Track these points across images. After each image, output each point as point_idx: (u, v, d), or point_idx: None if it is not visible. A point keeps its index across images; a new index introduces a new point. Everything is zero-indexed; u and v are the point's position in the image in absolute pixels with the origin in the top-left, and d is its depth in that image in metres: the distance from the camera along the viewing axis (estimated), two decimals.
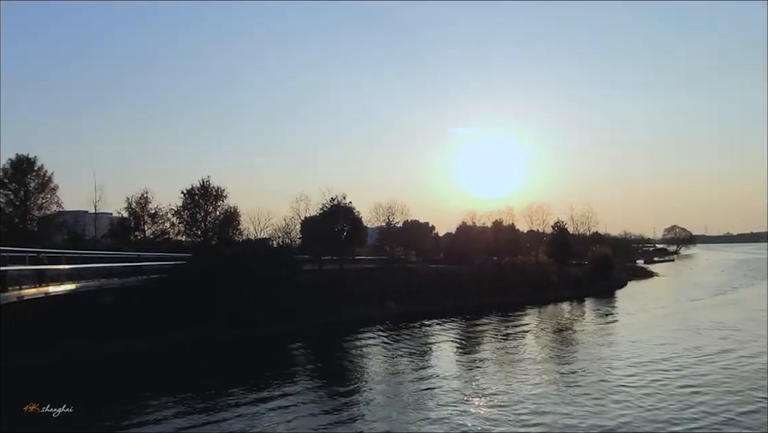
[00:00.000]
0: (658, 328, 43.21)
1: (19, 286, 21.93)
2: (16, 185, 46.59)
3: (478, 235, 70.79)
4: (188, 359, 32.22)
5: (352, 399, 24.63)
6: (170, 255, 44.94)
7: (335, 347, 39.31)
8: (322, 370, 32.12)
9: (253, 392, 25.08)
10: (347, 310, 46.14)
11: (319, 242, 50.77)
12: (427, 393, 25.13)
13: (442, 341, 40.43)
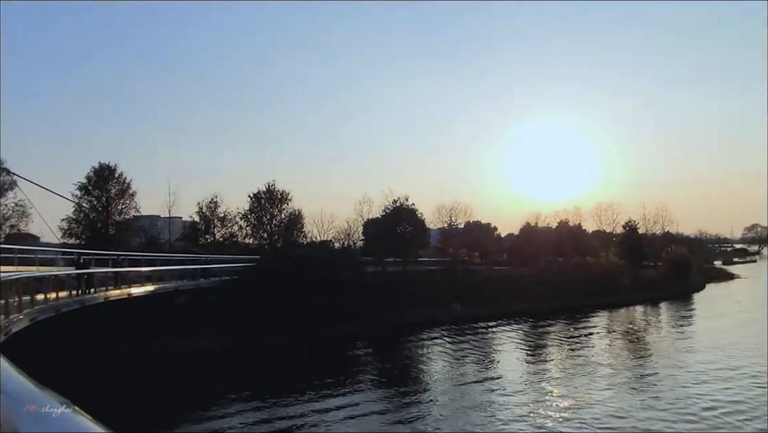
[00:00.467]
0: (741, 334, 40.49)
1: (105, 287, 23.20)
2: (99, 192, 49.54)
3: (543, 235, 68.85)
4: (255, 358, 33.03)
5: (417, 401, 24.60)
6: (239, 257, 46.43)
7: (399, 349, 39.32)
8: (386, 372, 32.16)
9: (317, 393, 25.48)
10: (411, 312, 45.98)
11: (382, 244, 50.93)
12: (493, 396, 24.73)
13: (508, 344, 39.63)
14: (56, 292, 18.48)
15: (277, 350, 34.92)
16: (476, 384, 27.31)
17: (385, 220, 54.09)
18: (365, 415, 22.31)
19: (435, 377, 29.90)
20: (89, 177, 49.43)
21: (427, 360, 34.91)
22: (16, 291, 13.37)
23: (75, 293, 20.79)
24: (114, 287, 24.70)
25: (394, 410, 23.21)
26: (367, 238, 56.72)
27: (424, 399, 25.05)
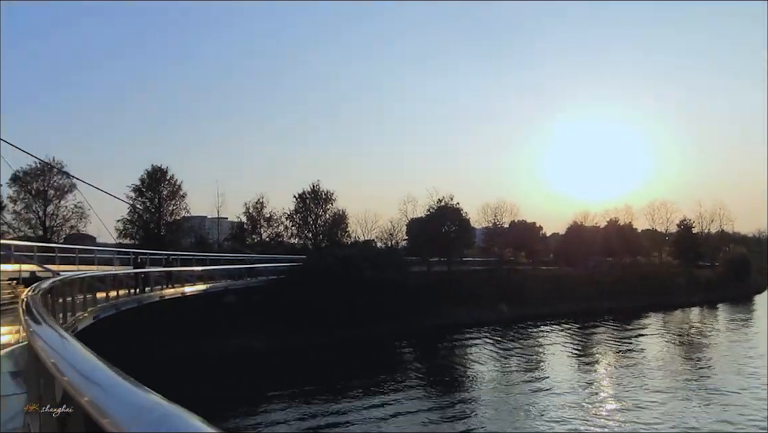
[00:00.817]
0: None
1: (160, 286, 23.86)
2: (152, 193, 51.21)
3: (591, 235, 66.98)
4: (301, 358, 33.28)
5: (462, 401, 24.47)
6: (286, 257, 47.05)
7: (444, 349, 39.02)
8: (431, 372, 31.90)
9: (362, 392, 25.68)
10: (456, 312, 45.55)
11: (426, 244, 50.63)
12: (540, 398, 24.25)
13: (556, 345, 38.72)
14: (116, 291, 19.12)
15: (323, 349, 35.14)
16: (522, 385, 26.87)
17: (429, 219, 53.73)
18: (410, 412, 22.53)
19: (480, 378, 29.53)
20: (142, 179, 51.20)
21: (473, 361, 34.47)
22: (80, 290, 13.84)
23: (132, 291, 21.44)
24: (167, 286, 25.34)
25: (438, 409, 23.23)
26: (411, 238, 56.49)
27: (469, 399, 24.90)
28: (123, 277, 21.60)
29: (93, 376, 1.70)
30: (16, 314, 15.82)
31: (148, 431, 1.12)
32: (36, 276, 22.12)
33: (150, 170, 51.27)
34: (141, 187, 51.01)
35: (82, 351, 2.10)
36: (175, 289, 25.32)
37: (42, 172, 46.26)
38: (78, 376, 1.81)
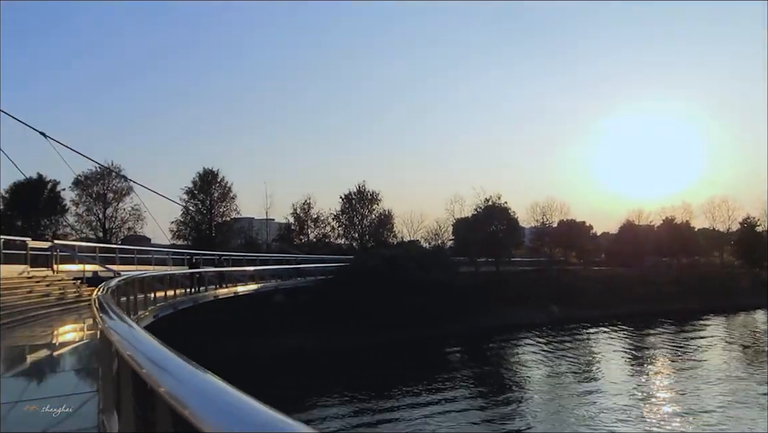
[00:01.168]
0: None
1: (213, 286, 24.39)
2: (203, 195, 52.65)
3: (646, 234, 64.63)
4: (349, 358, 33.37)
5: (512, 404, 24.08)
6: (333, 258, 47.41)
7: (494, 351, 38.38)
8: (480, 373, 31.41)
9: (411, 394, 25.61)
10: (506, 313, 44.73)
11: (475, 244, 50.01)
12: (593, 402, 23.51)
13: (610, 349, 37.43)
14: (174, 290, 19.63)
15: (371, 350, 35.16)
16: (574, 389, 26.16)
17: (476, 219, 53.07)
18: (457, 412, 22.44)
19: (530, 380, 28.88)
20: (195, 182, 52.72)
21: (523, 363, 33.75)
22: (141, 289, 14.25)
23: (188, 291, 21.98)
24: (220, 286, 25.86)
25: (486, 410, 23.13)
26: (458, 237, 55.93)
27: (518, 401, 24.51)
28: (178, 277, 22.15)
29: (168, 367, 1.73)
30: (81, 312, 16.50)
31: (229, 422, 1.13)
32: (98, 276, 23.03)
33: (202, 173, 52.75)
34: (193, 189, 52.55)
35: (156, 344, 2.15)
36: (228, 289, 25.83)
37: (101, 176, 48.28)
38: (155, 367, 1.84)
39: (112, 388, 3.74)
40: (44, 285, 18.77)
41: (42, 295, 17.19)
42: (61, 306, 16.50)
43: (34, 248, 21.48)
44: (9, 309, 13.95)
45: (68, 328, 13.81)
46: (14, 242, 20.93)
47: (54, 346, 11.53)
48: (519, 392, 26.27)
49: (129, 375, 2.57)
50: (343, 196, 62.06)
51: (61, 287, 19.43)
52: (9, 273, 18.62)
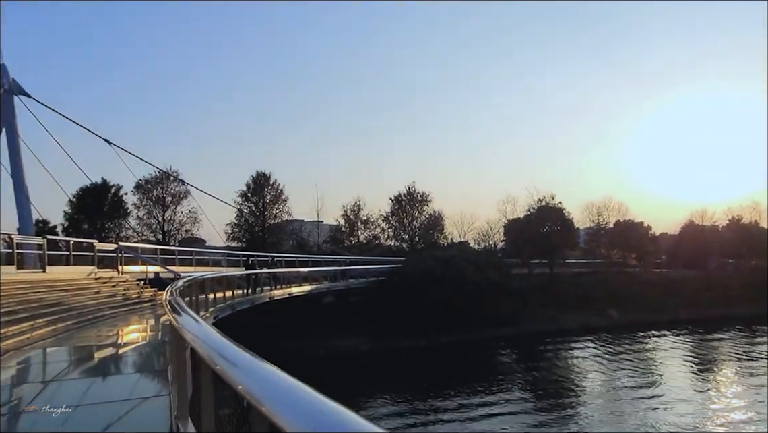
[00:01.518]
0: None
1: (268, 287, 24.70)
2: (256, 198, 53.74)
3: (710, 235, 61.45)
4: (401, 360, 33.13)
5: (567, 411, 23.46)
6: (385, 259, 47.39)
7: (549, 355, 37.31)
8: (534, 379, 30.51)
9: (463, 397, 25.44)
10: (562, 317, 43.49)
11: (528, 245, 48.88)
12: (652, 410, 22.46)
13: (674, 356, 35.58)
14: (232, 291, 19.97)
15: (423, 352, 34.85)
16: (633, 397, 25.04)
17: (529, 220, 51.88)
18: (510, 415, 22.17)
19: (587, 387, 27.84)
20: (248, 185, 53.89)
21: (579, 369, 32.59)
22: (202, 290, 14.49)
23: (244, 292, 22.33)
24: (274, 287, 26.16)
25: (540, 416, 22.54)
26: (510, 239, 54.86)
27: (573, 408, 23.81)
28: (235, 278, 22.53)
29: (242, 364, 1.79)
30: (145, 312, 17.00)
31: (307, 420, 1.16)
32: (159, 277, 23.77)
33: (254, 176, 53.87)
34: (247, 192, 53.71)
35: (229, 343, 2.18)
36: (283, 290, 26.12)
37: (160, 180, 50.05)
38: (229, 365, 1.89)
39: (186, 386, 3.87)
40: (110, 286, 19.44)
41: (109, 295, 17.80)
42: (127, 306, 17.02)
43: (101, 249, 22.34)
44: (79, 309, 14.47)
45: (137, 327, 14.21)
46: (82, 244, 21.86)
47: (125, 345, 11.82)
48: (574, 400, 25.39)
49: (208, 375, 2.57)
50: (393, 197, 62.05)
51: (126, 287, 20.10)
52: (78, 274, 19.41)
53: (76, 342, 10.93)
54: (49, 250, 18.79)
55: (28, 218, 37.89)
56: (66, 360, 9.70)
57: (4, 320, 10.98)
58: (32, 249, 18.45)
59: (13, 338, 10.00)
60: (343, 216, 60.38)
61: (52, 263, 18.50)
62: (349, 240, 61.43)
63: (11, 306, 12.28)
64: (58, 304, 14.14)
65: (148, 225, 50.73)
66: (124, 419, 5.37)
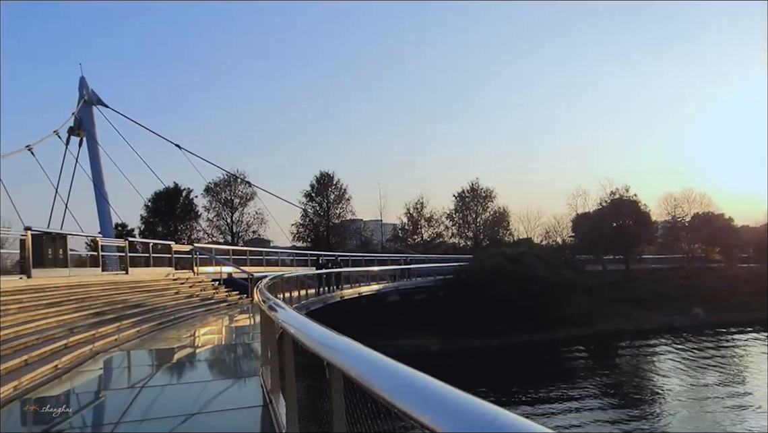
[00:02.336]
0: None
1: (337, 286, 24.52)
2: (320, 198, 54.19)
3: None
4: (472, 360, 32.25)
5: (649, 417, 21.91)
6: (452, 257, 46.58)
7: (627, 356, 35.35)
8: (611, 383, 28.72)
9: (536, 400, 24.44)
10: (639, 315, 41.18)
11: (601, 240, 46.60)
12: (744, 418, 20.51)
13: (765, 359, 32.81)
14: (305, 290, 19.87)
15: (495, 353, 33.86)
16: (721, 402, 23.13)
17: (601, 214, 49.49)
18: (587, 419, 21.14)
19: (670, 391, 25.95)
20: (312, 185, 54.45)
21: (661, 371, 30.56)
22: (281, 289, 14.32)
23: (316, 291, 22.21)
24: (340, 287, 25.97)
25: (619, 421, 21.10)
26: (580, 234, 52.51)
27: (656, 414, 22.39)
28: (308, 277, 22.45)
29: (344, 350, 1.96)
30: (222, 312, 17.11)
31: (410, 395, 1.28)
32: (232, 277, 24.09)
33: (318, 176, 54.35)
34: (311, 192, 54.25)
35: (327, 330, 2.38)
36: (353, 289, 25.87)
37: (228, 182, 51.37)
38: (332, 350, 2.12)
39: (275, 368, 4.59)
40: (188, 286, 19.77)
41: (187, 296, 18.05)
42: (205, 307, 17.17)
43: (177, 251, 22.85)
44: (161, 310, 14.64)
45: (217, 327, 14.23)
46: (159, 246, 22.43)
47: (209, 344, 11.75)
48: (655, 406, 23.76)
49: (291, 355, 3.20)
50: (456, 194, 61.12)
51: (202, 288, 20.40)
52: (158, 275, 19.86)
53: (162, 343, 10.92)
54: (130, 252, 19.32)
55: (109, 221, 39.76)
56: (154, 361, 9.64)
57: (94, 321, 11.12)
58: (114, 251, 19.05)
59: (102, 339, 10.06)
60: (405, 214, 60.04)
61: (133, 265, 19.01)
62: (412, 238, 60.94)
63: (99, 307, 12.49)
64: (140, 305, 14.35)
65: (218, 227, 52.18)
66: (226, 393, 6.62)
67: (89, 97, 42.90)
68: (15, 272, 12.40)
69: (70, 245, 14.49)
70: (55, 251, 13.89)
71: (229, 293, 21.06)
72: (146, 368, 8.64)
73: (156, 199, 48.86)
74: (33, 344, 8.53)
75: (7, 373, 7.02)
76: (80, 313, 11.35)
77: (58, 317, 10.51)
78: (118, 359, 9.07)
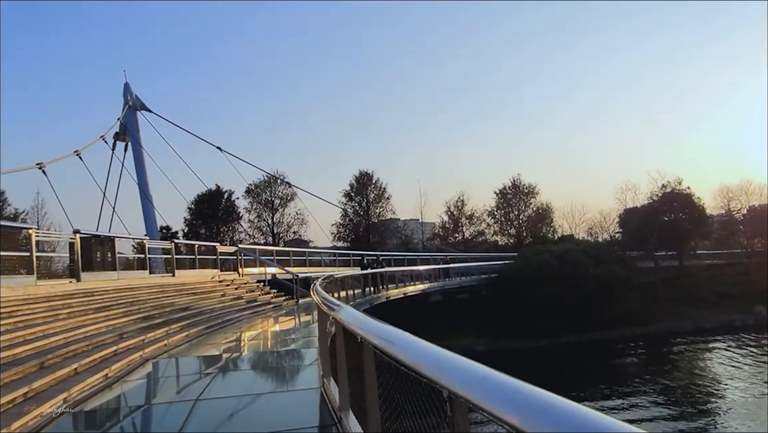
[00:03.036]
0: None
1: (383, 286, 23.97)
2: (360, 197, 53.85)
3: None
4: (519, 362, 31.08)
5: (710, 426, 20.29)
6: (495, 255, 45.54)
7: (682, 358, 33.56)
8: (667, 388, 27.23)
9: (592, 403, 22.81)
10: (695, 314, 39.23)
11: (651, 236, 44.60)
12: None
13: None
14: (353, 290, 19.41)
15: (543, 353, 32.70)
16: None
17: (652, 208, 47.42)
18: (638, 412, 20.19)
19: (732, 398, 24.27)
20: (351, 184, 54.16)
21: (722, 375, 28.76)
22: (331, 290, 13.81)
23: (361, 291, 21.72)
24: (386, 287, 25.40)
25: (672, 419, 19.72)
26: (628, 230, 50.47)
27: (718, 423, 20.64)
28: (351, 278, 21.95)
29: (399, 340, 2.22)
30: (268, 313, 16.80)
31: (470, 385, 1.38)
32: (276, 278, 23.82)
33: (357, 175, 54.01)
34: (350, 192, 53.96)
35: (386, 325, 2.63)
36: (398, 289, 25.28)
37: (269, 183, 51.56)
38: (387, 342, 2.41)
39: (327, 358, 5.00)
40: (233, 288, 19.55)
41: (233, 298, 17.80)
42: (251, 309, 16.87)
43: (222, 252, 22.72)
44: (208, 313, 14.36)
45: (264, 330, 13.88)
46: (204, 248, 22.31)
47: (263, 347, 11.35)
48: (719, 413, 22.16)
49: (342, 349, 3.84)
50: (498, 191, 59.88)
51: (247, 289, 20.16)
52: (203, 277, 19.71)
53: (212, 349, 10.55)
54: (175, 254, 19.23)
55: (154, 224, 40.37)
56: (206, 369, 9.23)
57: (143, 325, 10.84)
58: (159, 254, 18.98)
59: (152, 345, 9.74)
60: (446, 212, 59.16)
61: (179, 267, 18.91)
62: (453, 237, 60.02)
63: (147, 311, 12.25)
64: (188, 308, 14.10)
65: (259, 228, 52.45)
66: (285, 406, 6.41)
67: (133, 102, 43.73)
68: (65, 276, 12.33)
69: (117, 248, 14.38)
70: (104, 254, 13.79)
71: (275, 294, 20.77)
72: (198, 377, 8.23)
73: (199, 201, 49.44)
74: (83, 351, 8.24)
75: (57, 383, 6.68)
76: (129, 317, 11.10)
77: (107, 322, 10.26)
78: (169, 367, 8.71)
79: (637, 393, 25.53)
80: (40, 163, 27.39)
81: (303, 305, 20.45)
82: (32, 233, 10.72)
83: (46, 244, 12.39)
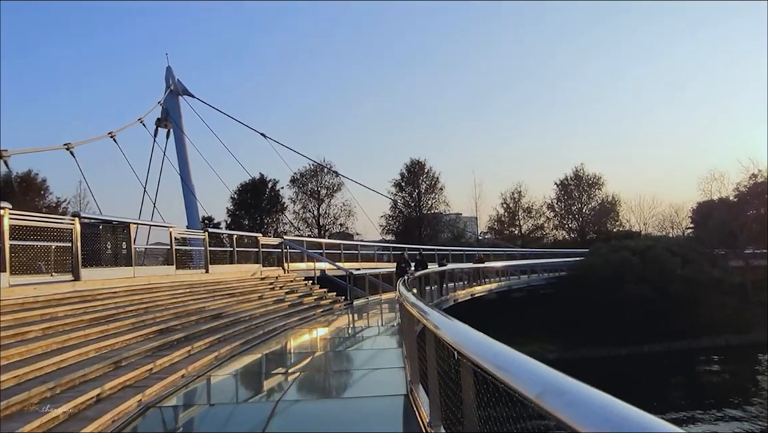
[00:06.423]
0: None
1: (454, 287, 20.70)
2: (411, 188, 50.36)
3: None
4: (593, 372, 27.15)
5: None
6: (562, 251, 41.60)
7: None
8: None
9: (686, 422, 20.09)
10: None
11: (741, 231, 39.45)
12: None
13: None
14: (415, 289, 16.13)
15: (623, 363, 28.69)
16: None
17: (743, 200, 42.16)
18: None
19: None
20: (402, 174, 50.70)
21: None
22: None
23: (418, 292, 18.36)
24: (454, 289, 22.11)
25: None
26: (711, 224, 45.19)
27: None
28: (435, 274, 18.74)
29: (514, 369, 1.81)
30: (321, 322, 13.73)
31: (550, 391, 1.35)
32: (326, 275, 20.75)
33: (409, 164, 50.54)
34: (401, 182, 50.58)
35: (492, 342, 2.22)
36: (465, 290, 21.88)
37: (314, 173, 48.68)
38: None
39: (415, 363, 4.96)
40: (278, 288, 16.54)
41: (276, 300, 14.71)
42: (300, 314, 13.74)
43: (265, 244, 19.78)
44: (246, 322, 11.30)
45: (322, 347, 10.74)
46: (245, 239, 19.34)
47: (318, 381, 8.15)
48: None
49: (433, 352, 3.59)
50: (558, 181, 55.42)
51: (292, 288, 17.11)
52: (243, 274, 16.78)
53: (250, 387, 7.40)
54: (214, 246, 16.33)
55: (196, 214, 38.06)
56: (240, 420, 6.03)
57: (154, 345, 7.75)
58: (199, 245, 15.97)
59: (161, 378, 6.61)
60: (502, 204, 55.16)
61: (216, 261, 16.03)
62: (509, 230, 55.97)
63: (165, 321, 9.21)
64: (221, 315, 11.06)
65: (304, 219, 49.72)
66: None
67: (175, 86, 41.52)
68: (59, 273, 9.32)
69: (135, 236, 11.34)
70: (116, 245, 10.87)
71: (325, 293, 17.66)
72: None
73: (242, 191, 47.00)
74: (41, 399, 5.17)
75: None
76: (137, 332, 8.06)
77: (102, 341, 7.24)
78: (182, 421, 5.53)
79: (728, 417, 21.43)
80: (68, 144, 25.16)
81: (358, 307, 17.33)
82: (4, 213, 7.79)
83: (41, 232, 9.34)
